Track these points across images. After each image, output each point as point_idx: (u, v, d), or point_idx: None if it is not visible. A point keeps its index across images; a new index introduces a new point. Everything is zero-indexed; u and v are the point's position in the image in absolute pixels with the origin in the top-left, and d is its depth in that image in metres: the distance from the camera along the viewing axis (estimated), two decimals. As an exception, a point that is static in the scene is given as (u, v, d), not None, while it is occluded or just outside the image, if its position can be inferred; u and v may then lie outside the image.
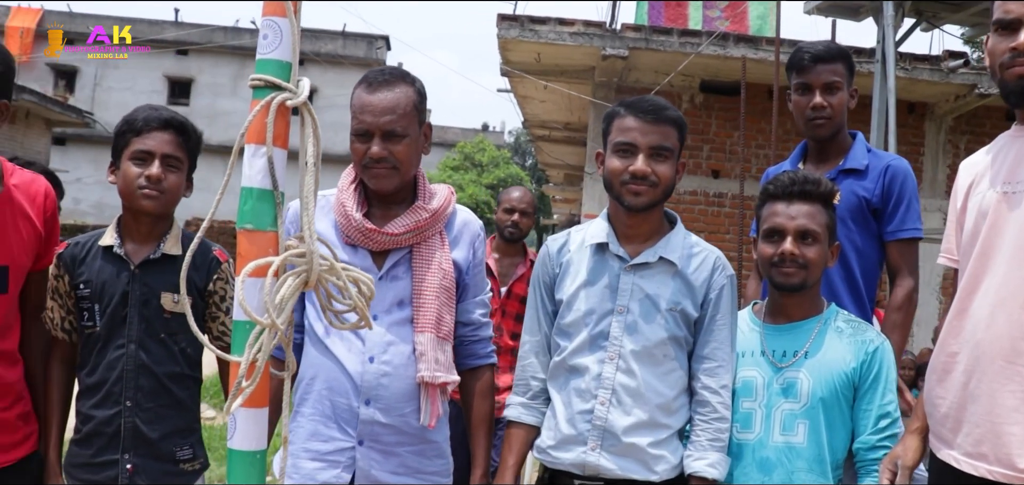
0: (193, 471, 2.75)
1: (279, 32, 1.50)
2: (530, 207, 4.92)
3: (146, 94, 29.90)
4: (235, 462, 1.52)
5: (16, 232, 2.60)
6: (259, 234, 1.52)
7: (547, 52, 10.93)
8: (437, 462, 2.67)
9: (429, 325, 2.56)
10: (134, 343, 2.65)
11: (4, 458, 2.63)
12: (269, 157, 1.49)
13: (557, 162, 19.73)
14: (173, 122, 2.70)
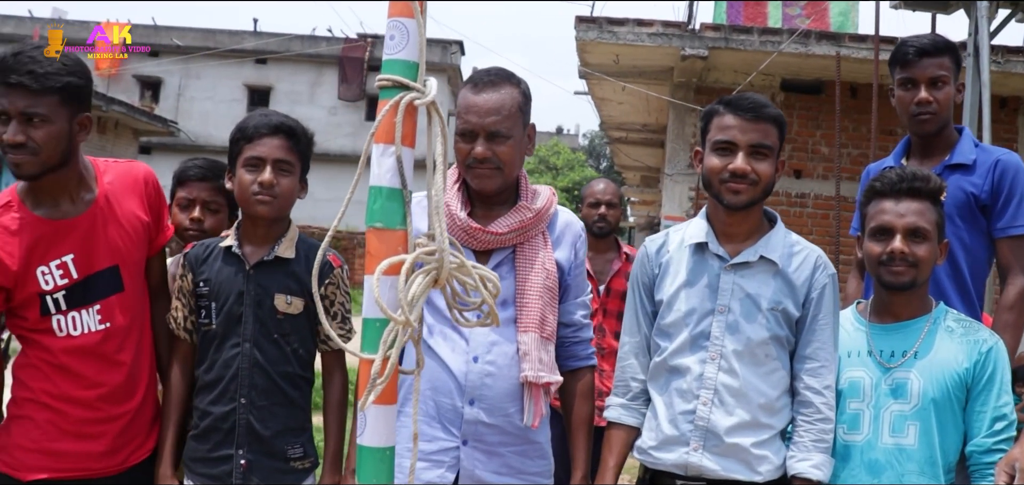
0: (303, 470, 2.79)
1: (405, 32, 1.52)
2: (615, 198, 4.85)
3: (226, 103, 30.58)
4: (365, 459, 1.54)
5: (119, 229, 2.67)
6: (389, 232, 1.55)
7: (625, 53, 10.88)
8: (539, 463, 2.68)
9: (533, 325, 2.57)
10: (249, 342, 2.70)
11: (138, 454, 2.73)
12: (398, 156, 1.51)
13: (634, 164, 19.63)
14: (283, 127, 2.75)
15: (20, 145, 2.43)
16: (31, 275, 2.53)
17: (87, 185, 2.65)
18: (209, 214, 3.10)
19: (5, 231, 2.52)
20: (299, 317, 2.76)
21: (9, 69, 2.42)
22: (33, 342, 2.60)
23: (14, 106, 2.42)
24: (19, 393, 2.61)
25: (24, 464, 2.56)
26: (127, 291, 2.68)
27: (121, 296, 2.67)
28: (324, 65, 30.47)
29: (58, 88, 2.46)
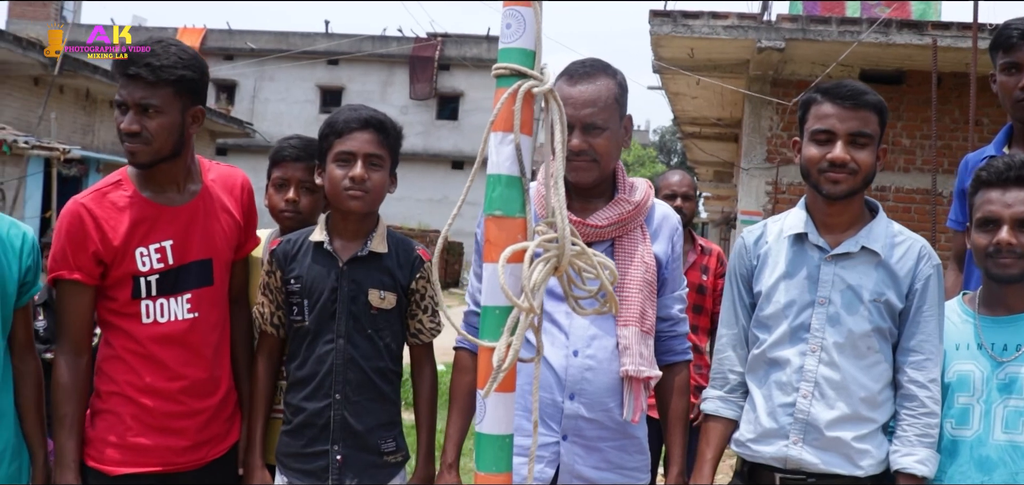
0: (396, 464, 2.80)
1: (522, 21, 1.52)
2: (691, 190, 4.81)
3: (300, 104, 31.07)
4: (484, 446, 1.54)
5: (217, 225, 2.75)
6: (508, 220, 1.55)
7: (700, 47, 10.76)
8: (638, 458, 2.67)
9: (633, 318, 2.55)
10: (342, 338, 2.71)
11: (216, 449, 2.77)
12: (517, 144, 1.51)
13: (708, 159, 19.43)
14: (373, 121, 2.75)
15: (135, 134, 2.53)
16: (130, 254, 2.60)
17: (194, 178, 2.75)
18: (304, 194, 3.09)
19: (113, 206, 2.61)
20: (392, 312, 2.76)
21: (129, 61, 2.53)
22: (117, 328, 2.65)
23: (132, 96, 2.53)
24: (103, 386, 2.66)
25: (110, 459, 2.61)
26: (216, 286, 2.75)
27: (210, 290, 2.72)
28: (395, 65, 30.76)
29: (173, 80, 2.55)
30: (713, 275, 4.71)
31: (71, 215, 2.59)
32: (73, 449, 2.57)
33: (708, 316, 4.69)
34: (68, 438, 2.57)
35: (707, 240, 4.89)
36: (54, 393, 2.59)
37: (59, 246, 2.59)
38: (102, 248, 2.57)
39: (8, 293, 2.55)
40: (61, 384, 2.60)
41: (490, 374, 1.47)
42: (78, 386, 2.61)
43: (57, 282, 2.61)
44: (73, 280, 2.58)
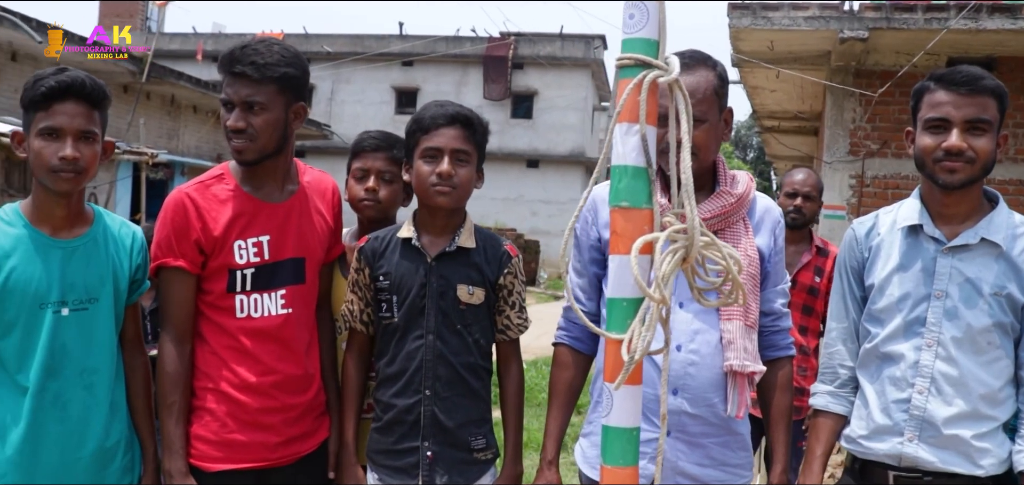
0: (486, 461, 2.80)
1: (645, 11, 1.51)
2: (814, 190, 4.67)
3: (375, 106, 31.45)
4: (611, 439, 1.53)
5: (311, 226, 2.79)
6: (635, 211, 1.53)
7: (780, 39, 10.58)
8: (741, 454, 2.63)
9: (737, 312, 2.51)
10: (432, 334, 2.72)
11: (306, 446, 2.80)
12: (642, 134, 1.50)
13: (787, 153, 19.10)
14: (460, 117, 2.75)
15: (241, 131, 2.59)
16: (228, 245, 2.64)
17: (292, 177, 2.80)
18: (383, 184, 3.11)
19: (215, 198, 2.67)
20: (480, 307, 2.76)
21: (235, 60, 2.58)
22: (213, 323, 2.68)
23: (237, 94, 2.59)
24: (199, 383, 2.70)
25: (207, 456, 2.65)
26: (307, 285, 2.78)
27: (302, 288, 2.76)
28: (469, 65, 30.93)
29: (276, 78, 2.60)
30: (827, 277, 4.58)
31: (175, 204, 2.65)
32: (180, 436, 2.62)
33: (819, 318, 4.58)
34: (176, 425, 2.62)
35: (828, 242, 4.76)
36: (160, 381, 2.64)
37: (163, 234, 2.64)
38: (203, 237, 2.62)
39: (120, 290, 2.63)
40: (167, 372, 2.64)
41: (617, 366, 1.46)
42: (183, 374, 2.66)
43: (160, 270, 2.66)
44: (177, 267, 2.63)
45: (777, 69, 11.43)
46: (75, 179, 2.49)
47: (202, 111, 21.78)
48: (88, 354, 2.55)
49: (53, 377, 2.50)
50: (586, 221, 2.72)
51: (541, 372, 10.03)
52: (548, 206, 29.46)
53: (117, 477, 2.62)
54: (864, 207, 10.66)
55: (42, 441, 2.48)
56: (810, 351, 4.54)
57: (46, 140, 2.46)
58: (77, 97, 2.48)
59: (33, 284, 2.48)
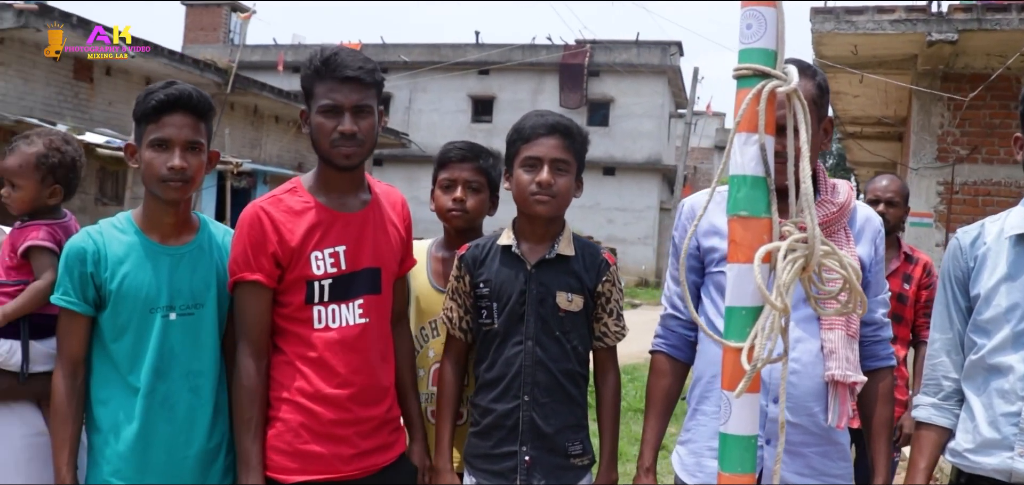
0: (582, 466, 2.81)
1: (763, 21, 1.52)
2: (898, 196, 4.58)
3: (452, 114, 31.71)
4: (729, 447, 1.55)
5: (386, 236, 2.79)
6: (754, 221, 1.55)
7: (864, 43, 10.38)
8: (841, 465, 2.59)
9: (838, 322, 2.48)
10: (531, 340, 2.74)
11: (381, 459, 2.77)
12: (761, 144, 1.51)
13: (870, 159, 18.72)
14: (559, 126, 2.77)
15: (352, 136, 2.59)
16: (305, 257, 2.63)
17: (364, 187, 2.80)
18: (471, 194, 3.12)
19: (290, 210, 2.66)
20: (579, 314, 2.78)
21: (342, 64, 2.59)
22: (290, 335, 2.67)
23: (348, 99, 2.59)
24: (275, 394, 2.68)
25: (281, 467, 2.64)
26: (383, 296, 2.77)
27: (378, 299, 2.75)
28: (545, 73, 30.99)
29: (378, 83, 2.66)
30: (916, 285, 4.50)
31: (251, 218, 2.65)
32: (257, 452, 2.61)
33: (908, 326, 4.50)
34: (252, 441, 2.60)
35: (916, 248, 4.67)
36: (237, 395, 2.64)
37: (239, 249, 2.64)
38: (280, 250, 2.61)
39: (224, 296, 2.71)
40: (244, 386, 2.62)
41: (736, 374, 1.48)
42: (260, 388, 2.64)
43: (238, 285, 2.65)
44: (253, 281, 2.62)
45: (861, 74, 11.22)
46: (183, 188, 2.59)
47: (283, 121, 22.26)
48: (194, 357, 2.64)
49: (162, 379, 2.58)
50: (684, 229, 2.73)
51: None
52: (624, 214, 29.34)
53: (219, 477, 2.69)
54: (953, 215, 10.40)
55: (152, 440, 2.57)
56: (900, 360, 4.46)
57: (156, 151, 2.55)
58: (184, 109, 2.57)
59: (144, 289, 2.58)
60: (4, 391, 2.62)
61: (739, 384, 1.46)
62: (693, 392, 2.71)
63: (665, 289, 2.86)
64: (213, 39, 33.41)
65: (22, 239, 2.68)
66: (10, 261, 2.68)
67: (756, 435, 1.56)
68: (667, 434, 2.99)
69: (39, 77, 15.49)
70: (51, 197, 2.79)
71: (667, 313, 2.82)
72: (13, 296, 2.64)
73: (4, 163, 2.77)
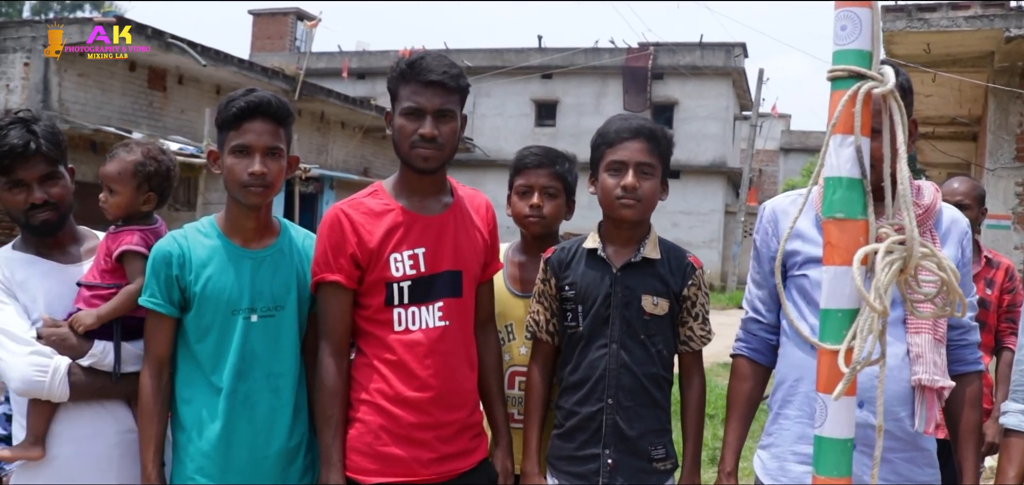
0: (665, 471, 2.80)
1: (858, 22, 1.51)
2: (969, 198, 4.44)
3: (515, 118, 31.76)
4: (825, 450, 1.54)
5: (468, 240, 2.79)
6: (850, 223, 1.54)
7: (937, 41, 10.15)
8: (928, 471, 2.55)
9: (926, 325, 2.44)
10: (616, 343, 2.74)
11: (461, 464, 2.77)
12: (857, 146, 1.50)
13: (942, 160, 18.29)
14: (643, 130, 2.78)
15: (432, 139, 2.61)
16: (384, 258, 2.65)
17: (446, 190, 2.82)
18: (547, 199, 3.12)
19: (370, 212, 2.69)
20: (664, 318, 2.78)
21: (426, 69, 2.61)
22: (371, 336, 2.70)
23: (431, 103, 2.61)
24: (355, 395, 2.70)
25: (360, 468, 2.66)
26: (464, 299, 2.77)
27: (459, 302, 2.75)
28: (608, 76, 30.88)
29: (463, 88, 2.67)
30: (999, 290, 4.38)
31: (331, 219, 2.69)
32: (338, 449, 2.63)
33: (991, 333, 4.38)
34: (334, 439, 2.63)
35: (996, 252, 4.55)
36: (320, 394, 2.67)
37: (321, 250, 2.68)
38: (359, 252, 2.64)
39: (304, 298, 2.76)
40: (326, 386, 2.66)
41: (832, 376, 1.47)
42: (342, 388, 2.67)
43: (319, 286, 2.69)
44: (333, 282, 2.65)
45: (933, 72, 10.98)
46: (263, 193, 2.64)
47: (349, 126, 22.54)
48: (274, 358, 2.69)
49: (243, 379, 2.64)
50: (766, 233, 2.71)
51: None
52: (689, 217, 29.08)
53: (298, 477, 2.74)
54: (1033, 217, 10.13)
55: (234, 438, 2.63)
56: (985, 368, 4.35)
57: (237, 157, 2.61)
58: (264, 116, 2.63)
59: (226, 292, 2.64)
60: (98, 390, 2.69)
61: (838, 386, 1.45)
62: (775, 396, 2.69)
63: (746, 293, 2.84)
64: (279, 47, 33.95)
65: (116, 244, 2.76)
66: (105, 265, 2.76)
67: (851, 438, 1.55)
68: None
69: (116, 87, 15.93)
70: (145, 204, 2.87)
71: (748, 317, 2.80)
72: (107, 299, 2.71)
73: (104, 169, 2.85)
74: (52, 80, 14.68)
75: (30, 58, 14.64)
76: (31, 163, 2.67)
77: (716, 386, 8.53)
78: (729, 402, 2.77)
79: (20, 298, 2.70)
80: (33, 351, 2.60)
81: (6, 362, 2.60)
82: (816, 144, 39.76)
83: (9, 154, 2.63)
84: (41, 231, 2.74)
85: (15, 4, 32.54)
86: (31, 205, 2.68)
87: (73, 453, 2.66)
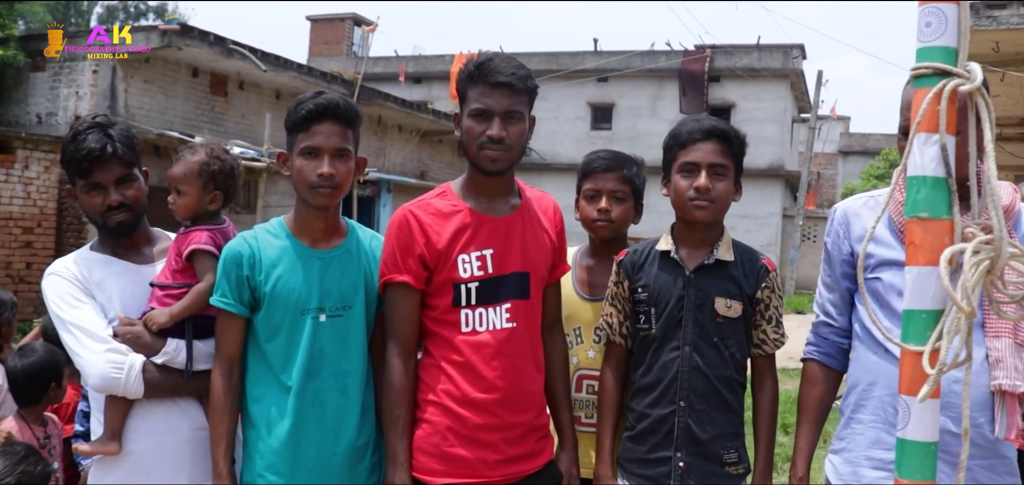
0: (737, 475, 2.77)
1: (943, 18, 1.49)
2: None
3: (571, 121, 31.71)
4: (908, 453, 1.51)
5: (536, 241, 2.78)
6: (934, 223, 1.52)
7: (1007, 39, 9.92)
8: (1008, 479, 2.48)
9: (1006, 329, 2.38)
10: (688, 345, 2.72)
11: (527, 466, 2.76)
12: (942, 144, 1.48)
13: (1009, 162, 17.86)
14: (715, 131, 2.75)
15: (500, 141, 2.60)
16: (452, 259, 2.65)
17: (514, 192, 2.80)
18: (615, 204, 3.11)
19: (438, 213, 2.69)
20: (737, 321, 2.75)
21: (494, 70, 2.60)
22: (438, 337, 2.71)
23: (499, 104, 2.60)
24: (422, 396, 2.71)
25: (427, 468, 2.67)
26: (532, 301, 2.76)
27: (527, 303, 2.74)
28: (664, 79, 30.67)
29: (531, 89, 2.66)
30: None
31: (400, 220, 2.69)
32: (404, 449, 2.65)
33: None
34: (400, 439, 2.65)
35: None
36: (387, 394, 2.68)
37: (389, 250, 2.70)
38: (427, 252, 2.64)
39: (371, 298, 2.78)
40: (393, 385, 2.67)
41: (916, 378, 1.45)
42: (409, 388, 2.68)
43: (387, 286, 2.70)
44: (402, 282, 2.66)
45: (1002, 71, 10.73)
46: (332, 194, 2.66)
47: (406, 130, 22.71)
48: (343, 357, 2.71)
49: (312, 378, 2.67)
50: (838, 235, 2.68)
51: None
52: (746, 221, 28.75)
53: (365, 476, 2.76)
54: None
55: (303, 437, 2.66)
56: None
57: (306, 159, 2.64)
58: (333, 118, 2.65)
59: (296, 292, 2.67)
60: (171, 387, 2.75)
61: (923, 389, 1.42)
62: (847, 400, 2.65)
63: (817, 296, 2.81)
64: (336, 52, 34.33)
65: (186, 243, 2.82)
66: (176, 265, 2.82)
67: (936, 441, 1.52)
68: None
69: (179, 93, 16.24)
70: (212, 203, 2.92)
71: (819, 321, 2.77)
72: (178, 298, 2.77)
73: (171, 172, 2.92)
74: (119, 87, 15.02)
75: (98, 65, 15.00)
76: (108, 166, 2.73)
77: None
78: (800, 407, 2.74)
79: (97, 297, 2.77)
80: (110, 349, 2.66)
81: (84, 359, 2.66)
82: (876, 147, 39.07)
83: (87, 158, 2.70)
84: (117, 232, 2.81)
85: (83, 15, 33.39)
86: (108, 207, 2.75)
87: (147, 448, 2.72)
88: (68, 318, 2.71)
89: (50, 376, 4.03)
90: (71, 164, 2.76)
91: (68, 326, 2.71)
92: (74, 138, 2.74)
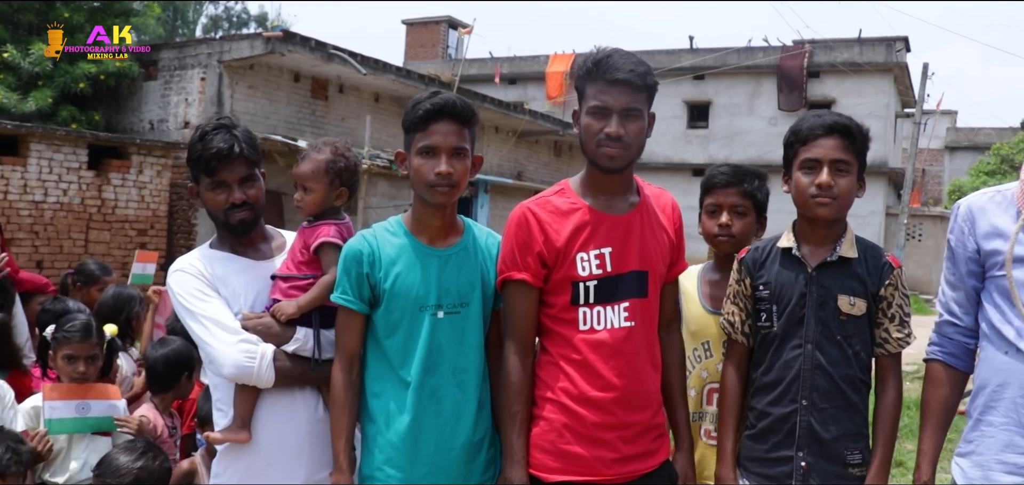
0: (861, 476, 2.71)
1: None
2: None
3: (667, 120, 31.32)
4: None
5: (654, 240, 2.75)
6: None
7: None
8: None
9: None
10: (811, 343, 2.68)
11: (643, 465, 2.76)
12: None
13: None
14: (838, 126, 2.71)
15: (618, 139, 2.58)
16: (571, 257, 2.65)
17: (632, 189, 2.78)
18: (736, 218, 3.13)
19: (557, 211, 2.70)
20: (861, 319, 2.69)
21: (613, 67, 2.59)
22: (556, 335, 2.72)
23: (617, 102, 2.59)
24: (539, 393, 2.73)
25: (543, 465, 2.68)
26: (650, 299, 2.74)
27: (645, 302, 2.72)
28: (762, 76, 30.09)
29: (651, 86, 2.64)
30: None
31: (518, 218, 2.71)
32: (522, 446, 2.67)
33: None
34: (518, 436, 2.67)
35: None
36: (505, 391, 2.71)
37: (507, 248, 2.72)
38: (545, 250, 2.65)
39: (487, 296, 2.80)
40: (511, 382, 2.69)
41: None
42: (526, 385, 2.70)
43: (505, 284, 2.73)
44: (520, 280, 2.68)
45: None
46: (449, 192, 2.70)
47: (503, 131, 22.81)
48: (460, 354, 2.74)
49: (430, 373, 2.70)
50: (962, 232, 2.60)
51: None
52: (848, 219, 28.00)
53: (481, 470, 2.78)
54: None
55: (421, 432, 2.70)
56: None
57: (424, 158, 2.67)
58: (449, 117, 2.67)
59: (414, 289, 2.71)
60: (299, 376, 2.82)
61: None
62: (974, 402, 2.56)
63: (940, 295, 2.73)
64: (432, 55, 34.68)
65: (314, 237, 2.89)
66: (301, 257, 2.90)
67: None
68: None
69: (282, 97, 16.65)
70: (337, 199, 3.00)
71: (943, 320, 2.70)
72: (304, 289, 2.84)
73: (298, 170, 3.00)
74: (225, 93, 15.48)
75: (206, 73, 15.50)
76: (233, 165, 2.83)
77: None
78: (923, 409, 2.67)
79: (222, 292, 2.85)
80: (242, 339, 2.75)
81: (217, 349, 2.75)
82: (986, 141, 37.61)
83: (215, 157, 2.80)
84: (238, 229, 2.90)
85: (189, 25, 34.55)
86: (231, 204, 2.85)
87: (269, 438, 2.81)
88: (198, 311, 2.80)
89: (184, 366, 4.20)
90: (198, 162, 2.85)
91: (199, 318, 2.80)
92: (202, 138, 2.84)
